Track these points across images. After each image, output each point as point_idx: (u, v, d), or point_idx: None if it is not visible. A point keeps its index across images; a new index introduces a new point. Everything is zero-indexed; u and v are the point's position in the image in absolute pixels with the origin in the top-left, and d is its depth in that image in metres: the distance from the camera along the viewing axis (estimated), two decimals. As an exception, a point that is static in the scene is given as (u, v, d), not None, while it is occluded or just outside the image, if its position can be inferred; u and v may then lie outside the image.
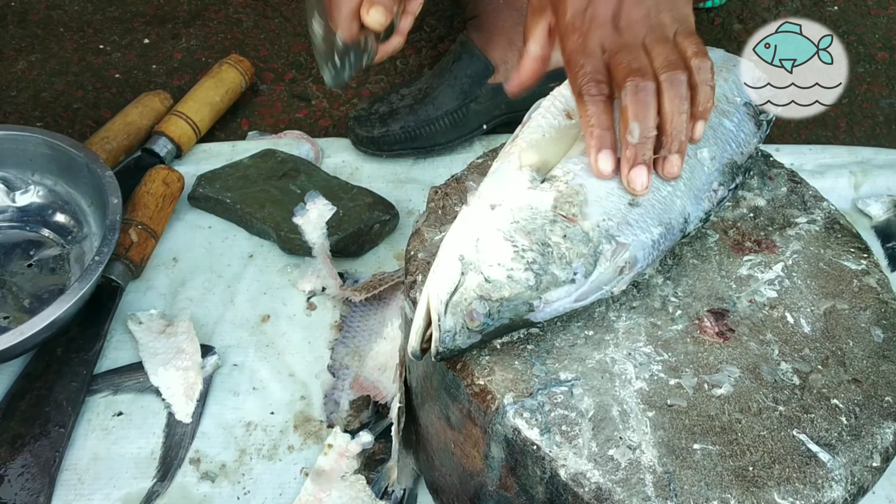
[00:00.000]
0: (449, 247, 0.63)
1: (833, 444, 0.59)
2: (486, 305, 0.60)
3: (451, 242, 0.63)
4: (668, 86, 0.62)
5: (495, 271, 0.60)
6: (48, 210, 1.04)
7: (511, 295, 0.60)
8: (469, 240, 0.62)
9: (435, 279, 0.61)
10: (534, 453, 0.58)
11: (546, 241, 0.61)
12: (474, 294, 0.60)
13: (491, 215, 0.63)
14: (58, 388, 0.89)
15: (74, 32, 1.39)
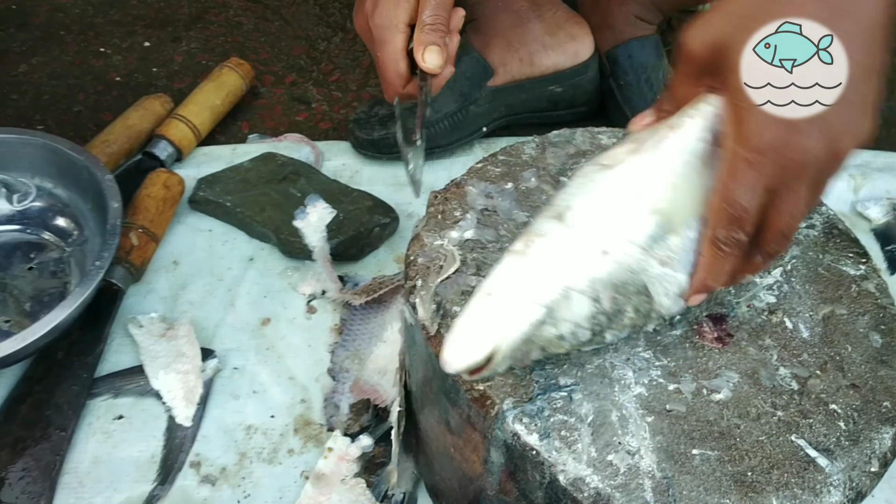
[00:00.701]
0: (534, 285, 0.57)
1: (831, 450, 0.60)
2: (542, 355, 0.59)
3: (539, 281, 0.57)
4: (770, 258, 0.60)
5: (568, 328, 0.57)
6: (49, 213, 1.04)
7: (566, 351, 0.59)
8: (558, 288, 0.56)
9: (505, 315, 0.56)
10: (533, 458, 0.59)
11: (622, 309, 0.58)
12: (540, 345, 0.58)
13: (594, 263, 0.57)
14: (58, 391, 0.89)
15: (76, 35, 1.39)
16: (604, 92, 1.23)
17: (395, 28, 0.77)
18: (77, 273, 1.00)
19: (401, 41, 0.78)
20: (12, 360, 0.87)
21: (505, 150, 0.80)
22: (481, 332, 0.57)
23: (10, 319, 0.95)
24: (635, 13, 1.18)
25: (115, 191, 0.96)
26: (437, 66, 0.77)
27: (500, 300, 0.57)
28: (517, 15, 1.15)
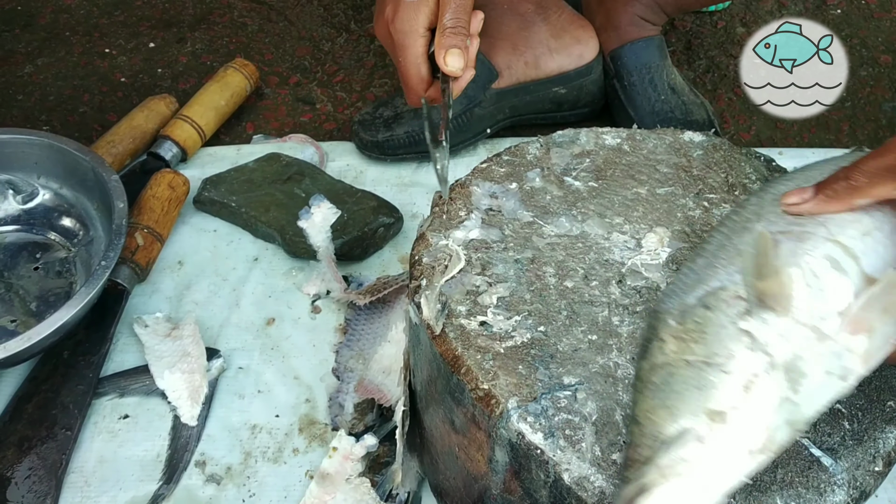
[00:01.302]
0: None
1: (836, 449, 0.60)
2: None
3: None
4: None
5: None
6: (54, 213, 1.04)
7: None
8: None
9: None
10: (537, 457, 0.59)
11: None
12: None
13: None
14: (64, 391, 0.90)
15: (81, 36, 1.40)
16: (607, 92, 1.23)
17: (415, 33, 0.78)
18: (83, 273, 1.00)
19: (422, 46, 0.78)
20: (18, 360, 0.87)
21: (509, 150, 0.80)
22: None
23: (16, 319, 0.96)
24: (639, 14, 1.18)
25: (120, 191, 0.96)
26: (458, 68, 0.77)
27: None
28: (522, 18, 1.16)
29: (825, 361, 0.54)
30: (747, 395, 0.53)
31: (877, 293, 0.55)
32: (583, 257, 0.71)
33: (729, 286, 0.57)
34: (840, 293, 0.56)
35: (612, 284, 0.69)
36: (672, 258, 0.71)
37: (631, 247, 0.72)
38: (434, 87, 0.82)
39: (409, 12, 0.77)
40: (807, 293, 0.55)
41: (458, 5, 0.77)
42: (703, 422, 0.52)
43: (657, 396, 0.55)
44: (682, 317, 0.57)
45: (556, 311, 0.67)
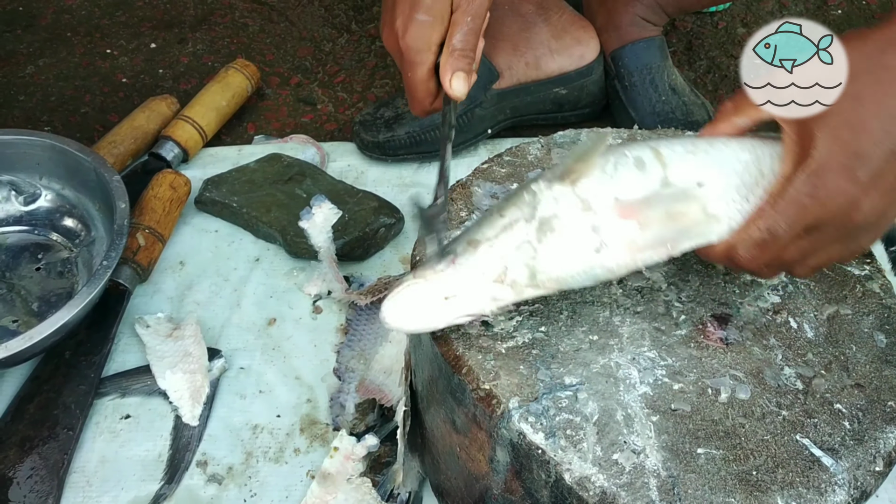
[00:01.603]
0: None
1: (836, 449, 0.60)
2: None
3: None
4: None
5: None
6: (56, 214, 1.04)
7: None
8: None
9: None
10: (539, 457, 0.59)
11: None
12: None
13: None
14: (66, 391, 0.90)
15: (82, 37, 1.40)
16: (608, 93, 1.23)
17: (427, 50, 0.76)
18: (84, 273, 1.00)
19: (431, 62, 0.77)
20: (20, 359, 0.87)
21: (510, 150, 0.81)
22: None
23: (17, 319, 0.96)
24: (640, 14, 1.18)
25: (122, 191, 0.96)
26: (462, 94, 0.76)
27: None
28: (524, 19, 1.16)
29: (579, 227, 0.61)
30: (500, 233, 0.61)
31: (667, 195, 0.61)
32: (584, 257, 0.71)
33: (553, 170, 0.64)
34: (627, 183, 0.61)
35: (613, 285, 0.69)
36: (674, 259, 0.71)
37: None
38: (440, 99, 0.82)
39: (422, 30, 0.76)
40: (598, 177, 0.61)
41: (470, 29, 0.76)
42: (463, 246, 0.62)
43: (473, 225, 0.64)
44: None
45: (558, 311, 0.67)
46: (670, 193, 0.61)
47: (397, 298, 0.62)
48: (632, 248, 0.61)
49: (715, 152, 0.63)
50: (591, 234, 0.61)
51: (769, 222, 0.59)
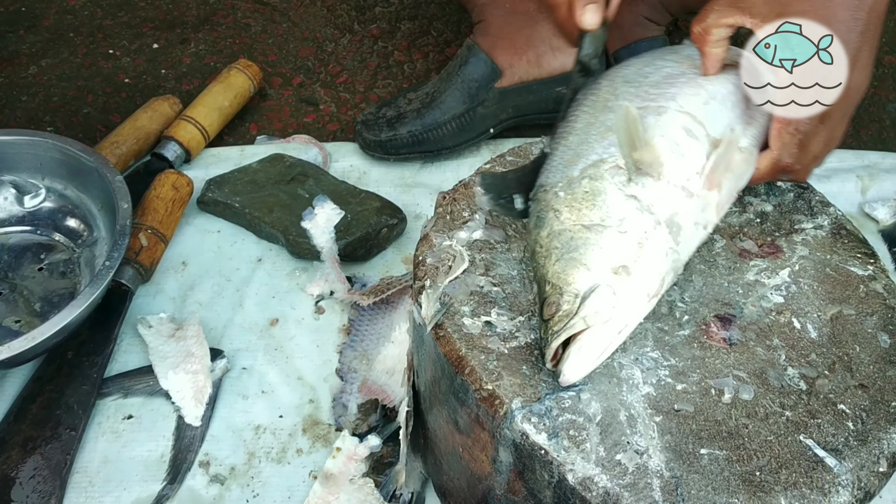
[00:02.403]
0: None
1: (840, 450, 0.60)
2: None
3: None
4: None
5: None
6: (59, 214, 1.04)
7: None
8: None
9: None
10: (542, 458, 0.59)
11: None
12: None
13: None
14: (69, 391, 0.90)
15: (85, 37, 1.40)
16: (611, 93, 1.23)
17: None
18: (87, 274, 1.00)
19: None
20: (22, 360, 0.87)
21: (513, 150, 0.80)
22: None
23: (20, 319, 0.96)
24: (644, 14, 1.18)
25: (124, 192, 0.96)
26: (594, 24, 0.73)
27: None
28: (525, 17, 1.16)
29: (694, 215, 0.65)
30: (642, 250, 0.62)
31: (721, 153, 0.66)
32: (586, 258, 0.71)
33: (607, 158, 0.65)
34: (696, 156, 0.66)
35: (616, 285, 0.69)
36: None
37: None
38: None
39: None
40: (673, 159, 0.65)
41: None
42: (611, 276, 0.61)
43: (564, 258, 0.62)
44: (570, 188, 0.65)
45: (560, 311, 0.67)
46: (722, 151, 0.66)
47: (580, 352, 0.60)
48: (719, 211, 0.68)
49: (718, 94, 0.70)
50: (701, 215, 0.66)
51: (796, 123, 0.67)
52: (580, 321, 0.59)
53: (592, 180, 0.64)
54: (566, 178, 0.66)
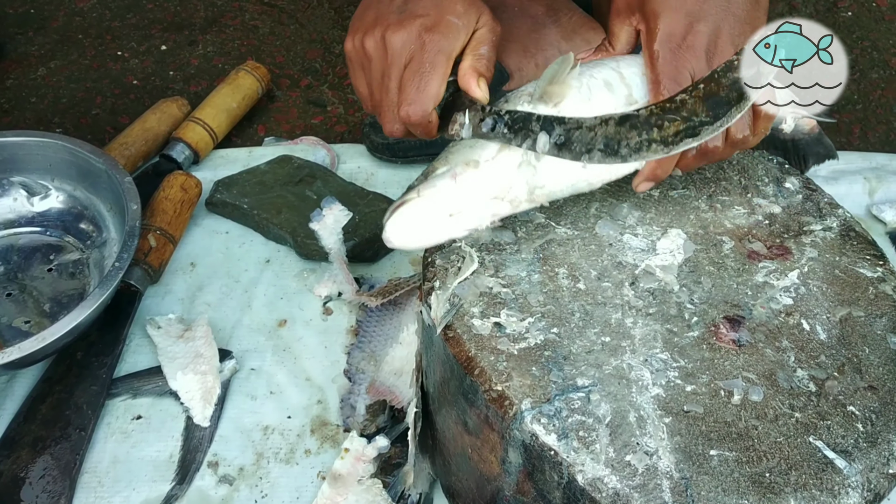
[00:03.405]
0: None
1: (849, 451, 0.60)
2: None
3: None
4: (724, 153, 0.70)
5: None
6: (68, 215, 1.05)
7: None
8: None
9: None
10: (551, 458, 0.59)
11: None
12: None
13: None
14: (78, 391, 0.90)
15: (93, 39, 1.41)
16: (618, 95, 1.23)
17: (451, 54, 0.73)
18: (95, 274, 1.01)
19: (448, 68, 0.73)
20: (32, 360, 0.87)
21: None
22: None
23: (29, 320, 0.96)
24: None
25: (133, 193, 0.97)
26: (486, 97, 0.72)
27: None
28: (534, 20, 1.16)
29: None
30: (497, 155, 0.67)
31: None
32: (596, 259, 0.71)
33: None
34: (603, 106, 0.69)
35: (626, 286, 0.69)
36: (687, 261, 0.71)
37: (644, 248, 0.72)
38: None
39: (453, 31, 0.73)
40: (576, 98, 0.69)
41: (492, 43, 0.75)
42: (461, 167, 0.67)
43: (446, 152, 0.70)
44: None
45: (570, 312, 0.67)
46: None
47: (402, 215, 0.66)
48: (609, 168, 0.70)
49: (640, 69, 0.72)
50: None
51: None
52: (415, 193, 0.67)
53: (504, 101, 0.72)
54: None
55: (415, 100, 0.72)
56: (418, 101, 0.72)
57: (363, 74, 0.77)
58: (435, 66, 0.72)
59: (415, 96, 0.72)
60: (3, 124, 1.25)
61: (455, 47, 0.73)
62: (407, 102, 0.72)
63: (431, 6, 0.74)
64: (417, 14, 0.73)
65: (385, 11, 0.75)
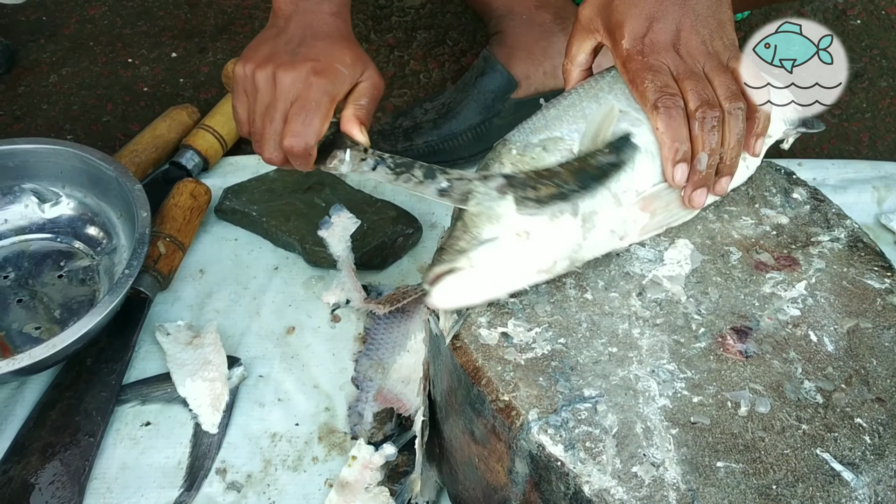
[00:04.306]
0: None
1: (856, 464, 0.60)
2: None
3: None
4: (731, 118, 0.70)
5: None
6: (78, 222, 1.06)
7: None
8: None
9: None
10: (558, 469, 0.59)
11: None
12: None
13: None
14: (87, 397, 0.91)
15: (104, 46, 1.41)
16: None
17: (333, 99, 0.79)
18: (105, 281, 1.01)
19: (329, 112, 0.79)
20: (43, 367, 0.88)
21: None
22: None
23: (40, 326, 0.97)
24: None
25: (143, 200, 0.97)
26: (366, 142, 0.79)
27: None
28: (541, 28, 1.16)
29: (613, 222, 0.69)
30: (550, 226, 0.66)
31: (664, 189, 0.71)
32: (603, 269, 0.71)
33: (566, 139, 0.71)
34: (645, 175, 0.70)
35: (633, 297, 0.69)
36: (694, 271, 0.71)
37: (651, 258, 0.72)
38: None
39: (339, 78, 0.79)
40: (622, 169, 0.69)
41: (373, 98, 0.82)
42: (513, 236, 0.66)
43: (484, 205, 0.68)
44: (524, 150, 0.71)
45: (577, 322, 0.67)
46: (666, 187, 0.71)
47: (451, 284, 0.65)
48: (642, 232, 0.71)
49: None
50: (621, 226, 0.70)
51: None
52: (467, 260, 0.65)
53: (544, 151, 0.70)
54: (525, 142, 0.72)
55: (299, 133, 0.78)
56: (302, 134, 0.78)
57: (246, 101, 0.82)
58: (319, 105, 0.78)
59: (299, 129, 0.78)
60: (15, 131, 1.26)
61: (339, 92, 0.79)
62: (292, 134, 0.78)
63: (322, 53, 0.80)
64: (309, 58, 0.80)
65: (280, 50, 0.81)
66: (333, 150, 0.78)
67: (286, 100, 0.78)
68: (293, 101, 0.78)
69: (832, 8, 1.54)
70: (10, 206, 1.05)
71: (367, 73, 0.82)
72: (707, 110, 0.69)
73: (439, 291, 0.65)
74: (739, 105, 0.70)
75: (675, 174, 0.70)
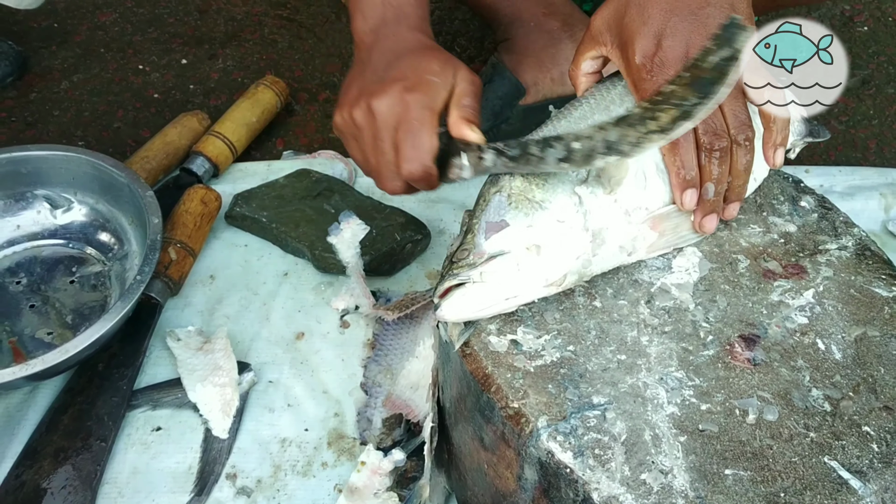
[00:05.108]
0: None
1: (864, 472, 0.60)
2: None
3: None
4: (739, 148, 0.70)
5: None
6: (90, 228, 1.06)
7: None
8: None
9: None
10: (567, 476, 0.59)
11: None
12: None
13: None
14: (99, 402, 0.91)
15: (115, 53, 1.43)
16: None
17: (435, 110, 0.75)
18: (117, 286, 1.02)
19: (435, 123, 0.75)
20: (55, 372, 0.89)
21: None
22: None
23: (52, 331, 0.98)
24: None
25: (155, 206, 0.98)
26: (481, 139, 0.74)
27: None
28: (549, 35, 1.17)
29: (622, 239, 0.70)
30: (561, 241, 0.67)
31: (674, 210, 0.72)
32: (612, 277, 0.71)
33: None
34: (656, 194, 0.71)
35: (641, 304, 0.70)
36: (702, 279, 0.71)
37: (660, 266, 0.72)
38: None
39: (433, 89, 0.75)
40: (634, 185, 0.70)
41: (475, 94, 0.77)
42: (523, 249, 0.66)
43: (495, 213, 0.69)
44: None
45: (585, 330, 0.68)
46: (681, 213, 0.72)
47: (461, 297, 0.65)
48: (650, 249, 0.72)
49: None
50: (630, 242, 0.71)
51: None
52: (477, 274, 0.65)
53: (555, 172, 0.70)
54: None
55: (413, 157, 0.74)
56: (416, 157, 0.74)
57: (356, 144, 0.80)
58: (423, 122, 0.74)
59: (412, 153, 0.74)
60: (27, 137, 1.27)
61: (438, 102, 0.75)
62: (406, 160, 0.75)
63: (409, 69, 0.77)
64: (396, 78, 0.76)
65: (367, 82, 0.78)
66: (450, 160, 0.74)
67: (389, 128, 0.75)
68: (396, 126, 0.75)
69: (839, 14, 1.54)
70: (23, 212, 1.06)
71: (459, 74, 0.77)
72: (714, 140, 0.69)
73: (449, 305, 0.66)
74: (747, 134, 0.70)
75: (684, 199, 0.71)
